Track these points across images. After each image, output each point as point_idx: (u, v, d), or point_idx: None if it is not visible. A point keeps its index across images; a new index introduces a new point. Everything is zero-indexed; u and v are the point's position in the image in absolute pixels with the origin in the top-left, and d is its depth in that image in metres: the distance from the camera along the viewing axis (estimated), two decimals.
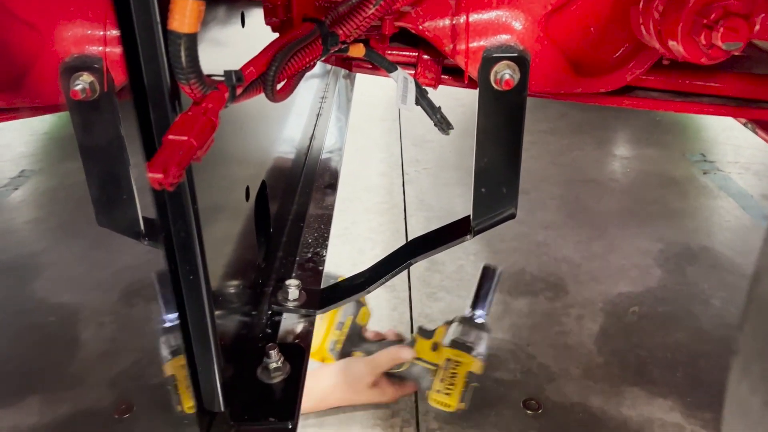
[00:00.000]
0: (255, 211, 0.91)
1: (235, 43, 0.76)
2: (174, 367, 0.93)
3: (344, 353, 1.25)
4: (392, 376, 1.22)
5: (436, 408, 1.16)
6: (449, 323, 1.18)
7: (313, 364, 1.28)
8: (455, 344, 1.14)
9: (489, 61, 0.78)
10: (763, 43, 0.98)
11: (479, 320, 1.13)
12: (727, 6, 0.63)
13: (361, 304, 1.21)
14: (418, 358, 1.20)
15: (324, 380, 1.22)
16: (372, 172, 2.46)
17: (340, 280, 0.98)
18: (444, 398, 1.15)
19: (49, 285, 2.04)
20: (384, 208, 2.18)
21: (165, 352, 0.94)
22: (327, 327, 1.20)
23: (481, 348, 1.14)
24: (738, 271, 1.77)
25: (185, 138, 0.49)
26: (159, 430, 1.19)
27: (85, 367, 1.73)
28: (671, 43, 0.68)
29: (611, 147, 2.70)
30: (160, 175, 0.45)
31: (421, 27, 0.80)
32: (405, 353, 1.21)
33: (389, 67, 0.82)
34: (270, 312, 0.93)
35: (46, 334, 1.86)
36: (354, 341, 1.23)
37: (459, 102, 1.65)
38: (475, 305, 1.15)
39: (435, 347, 1.19)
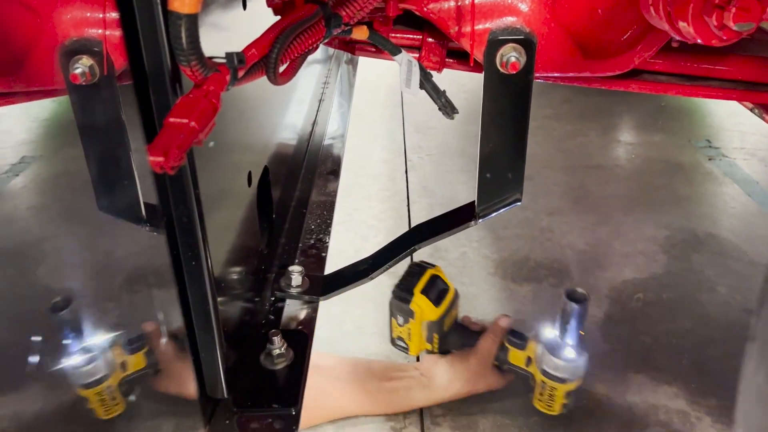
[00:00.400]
0: (257, 196, 0.90)
1: (237, 26, 0.75)
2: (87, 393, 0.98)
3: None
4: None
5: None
6: (538, 340, 1.13)
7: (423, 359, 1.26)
8: (548, 375, 1.10)
9: (495, 43, 0.77)
10: None
11: (570, 354, 1.08)
12: None
13: (444, 316, 1.16)
14: (513, 365, 1.18)
15: (440, 376, 1.21)
16: (374, 158, 2.44)
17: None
18: (546, 408, 1.16)
19: (51, 271, 2.04)
20: (387, 195, 2.17)
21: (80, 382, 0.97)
22: (417, 343, 1.18)
23: (576, 376, 1.10)
24: (744, 258, 1.76)
25: (186, 121, 0.48)
26: (162, 415, 1.19)
27: None
28: (681, 25, 0.67)
29: (616, 133, 2.68)
30: (160, 159, 0.45)
31: (425, 9, 0.78)
32: (504, 322, 1.20)
33: (393, 50, 0.81)
34: (273, 298, 0.93)
35: (49, 320, 1.86)
36: (447, 343, 1.19)
37: (463, 88, 1.63)
38: (564, 336, 1.08)
39: (528, 362, 1.16)
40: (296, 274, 0.94)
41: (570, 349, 1.07)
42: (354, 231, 1.94)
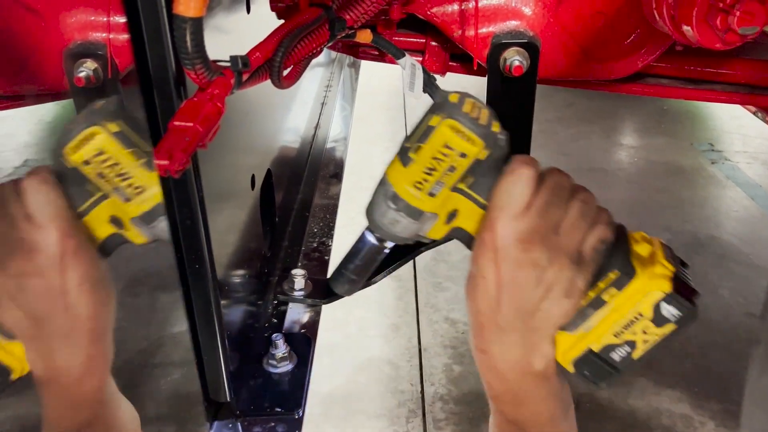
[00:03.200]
0: (260, 200, 0.90)
1: (241, 30, 0.75)
2: None
3: None
4: None
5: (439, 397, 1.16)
6: None
7: None
8: None
9: (498, 47, 0.77)
10: None
11: None
12: None
13: None
14: None
15: None
16: (377, 161, 2.45)
17: None
18: None
19: None
20: None
21: None
22: None
23: None
24: (746, 261, 1.76)
25: (191, 124, 0.48)
26: (166, 418, 1.19)
27: None
28: (685, 28, 0.67)
29: (618, 136, 2.68)
30: (165, 162, 0.45)
31: (429, 12, 0.78)
32: None
33: (397, 54, 0.80)
34: (276, 302, 0.92)
35: None
36: None
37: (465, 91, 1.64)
38: None
39: None
40: (299, 278, 0.94)
41: None
42: (357, 234, 1.94)
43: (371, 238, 0.69)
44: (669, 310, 0.56)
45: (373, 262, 0.71)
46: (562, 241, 0.56)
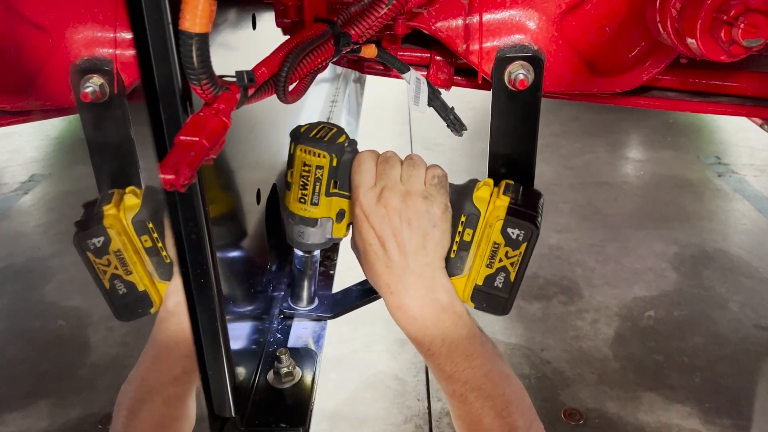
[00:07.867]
0: (266, 214, 0.90)
1: (247, 45, 0.76)
2: None
3: None
4: None
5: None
6: None
7: None
8: None
9: (503, 61, 0.77)
10: None
11: None
12: (747, 2, 0.62)
13: None
14: None
15: None
16: None
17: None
18: None
19: (59, 289, 2.04)
20: None
21: None
22: None
23: None
24: (755, 274, 1.74)
25: (197, 139, 0.48)
26: None
27: (95, 370, 1.73)
28: (689, 41, 0.67)
29: (624, 149, 2.68)
30: (171, 176, 0.45)
31: (433, 27, 0.79)
32: None
33: (402, 68, 0.81)
34: (281, 316, 0.92)
35: (57, 337, 1.86)
36: None
37: (470, 105, 1.64)
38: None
39: None
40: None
41: None
42: None
43: (299, 253, 0.84)
44: (514, 232, 0.72)
45: (307, 271, 0.86)
46: (408, 187, 0.72)
